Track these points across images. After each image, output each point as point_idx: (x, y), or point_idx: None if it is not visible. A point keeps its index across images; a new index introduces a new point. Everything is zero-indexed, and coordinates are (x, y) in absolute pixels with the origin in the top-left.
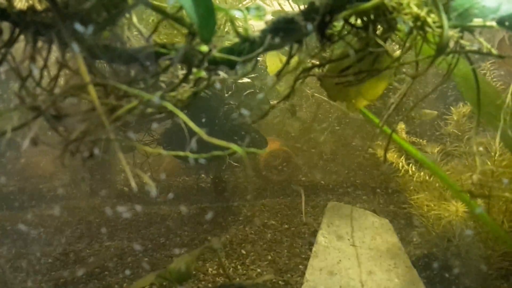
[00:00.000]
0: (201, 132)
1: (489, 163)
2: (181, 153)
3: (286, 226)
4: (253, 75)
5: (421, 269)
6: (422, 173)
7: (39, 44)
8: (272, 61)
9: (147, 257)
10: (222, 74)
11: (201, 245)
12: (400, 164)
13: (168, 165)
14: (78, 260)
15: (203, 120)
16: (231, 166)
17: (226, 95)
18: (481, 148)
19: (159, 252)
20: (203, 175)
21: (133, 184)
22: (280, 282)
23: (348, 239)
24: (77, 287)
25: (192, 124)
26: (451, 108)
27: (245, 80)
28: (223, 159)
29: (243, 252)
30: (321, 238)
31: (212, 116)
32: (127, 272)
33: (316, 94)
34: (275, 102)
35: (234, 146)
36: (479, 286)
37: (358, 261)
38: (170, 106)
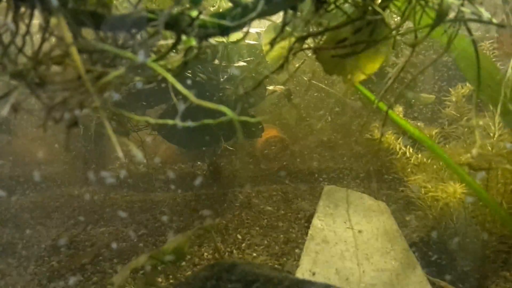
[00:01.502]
0: (190, 95)
1: (487, 144)
2: (170, 121)
3: (282, 211)
4: (249, 59)
5: (418, 251)
6: (419, 155)
7: (22, 9)
8: (269, 37)
9: (141, 243)
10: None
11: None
12: (397, 146)
13: (164, 152)
14: (73, 246)
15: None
16: (227, 152)
17: (221, 80)
18: (481, 123)
19: (154, 237)
20: (199, 162)
21: (120, 154)
22: (275, 265)
23: (345, 222)
24: (71, 272)
25: (179, 86)
26: (450, 89)
27: (241, 64)
28: (218, 143)
29: (239, 237)
30: (317, 221)
31: (208, 101)
32: (122, 257)
33: (313, 81)
34: (272, 87)
35: (225, 109)
36: (476, 269)
37: (355, 244)
38: (158, 68)
